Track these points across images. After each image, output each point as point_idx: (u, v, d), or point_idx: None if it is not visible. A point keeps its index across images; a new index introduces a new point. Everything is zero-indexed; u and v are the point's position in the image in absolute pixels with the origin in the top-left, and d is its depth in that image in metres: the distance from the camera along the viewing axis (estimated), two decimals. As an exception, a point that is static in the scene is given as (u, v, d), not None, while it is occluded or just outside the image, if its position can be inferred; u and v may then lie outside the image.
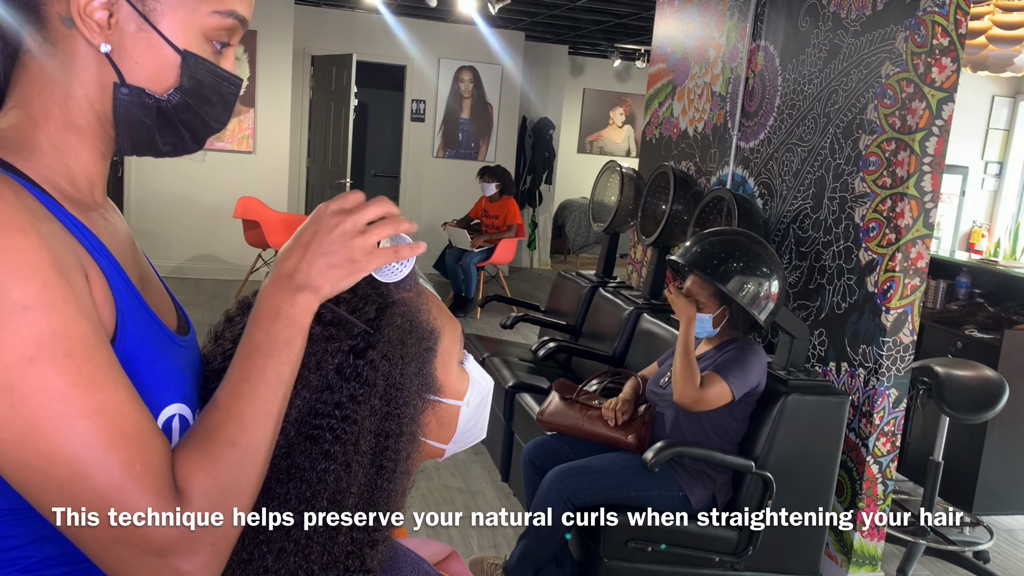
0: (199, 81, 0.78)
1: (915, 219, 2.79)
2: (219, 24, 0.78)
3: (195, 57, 0.77)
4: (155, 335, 0.77)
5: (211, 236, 7.23)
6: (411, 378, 0.80)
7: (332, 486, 0.75)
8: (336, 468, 0.75)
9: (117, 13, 0.74)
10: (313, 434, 0.75)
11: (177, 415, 0.77)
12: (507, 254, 6.76)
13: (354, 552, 0.76)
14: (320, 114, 7.82)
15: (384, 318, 0.79)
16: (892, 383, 2.86)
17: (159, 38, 0.75)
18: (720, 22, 3.97)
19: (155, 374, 0.75)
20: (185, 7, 0.76)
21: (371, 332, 0.78)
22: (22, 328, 0.64)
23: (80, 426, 0.65)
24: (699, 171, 4.08)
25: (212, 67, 0.79)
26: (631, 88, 10.07)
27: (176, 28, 0.76)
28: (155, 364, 0.76)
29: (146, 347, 0.75)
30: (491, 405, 0.96)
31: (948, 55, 2.73)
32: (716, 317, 2.60)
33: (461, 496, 3.48)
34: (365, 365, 0.77)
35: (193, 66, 0.77)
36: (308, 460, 0.75)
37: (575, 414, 2.76)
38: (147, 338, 0.75)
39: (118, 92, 0.76)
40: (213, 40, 0.79)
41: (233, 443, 0.71)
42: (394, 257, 0.79)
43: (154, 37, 0.75)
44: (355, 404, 0.76)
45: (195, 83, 0.78)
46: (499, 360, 3.89)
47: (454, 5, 6.58)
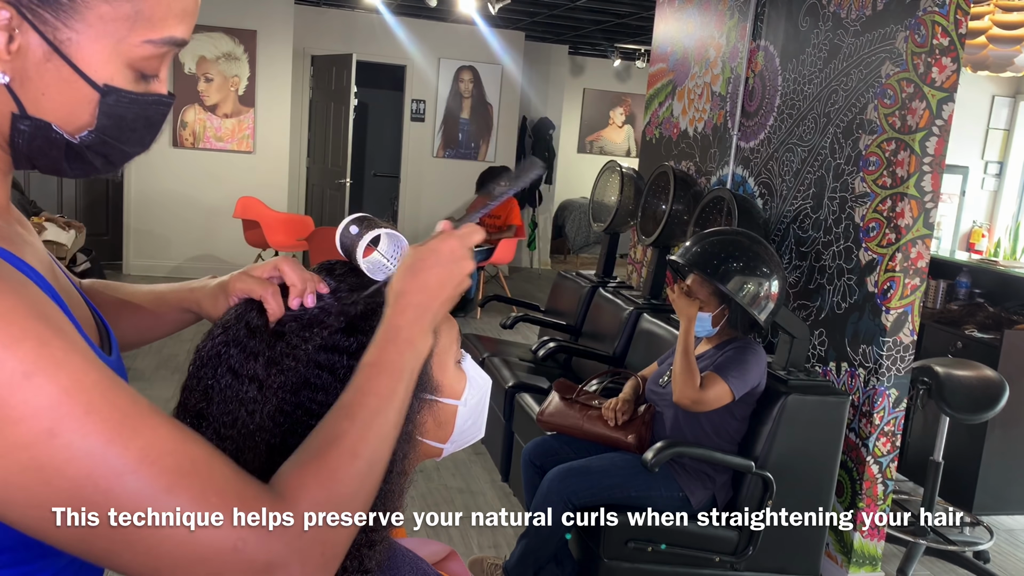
0: (120, 116, 0.68)
1: (915, 219, 2.79)
2: (151, 54, 0.68)
3: (117, 93, 0.67)
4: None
5: (211, 236, 7.23)
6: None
7: None
8: None
9: (20, 38, 0.63)
10: (308, 434, 0.75)
11: None
12: (507, 254, 6.76)
13: (352, 552, 0.76)
14: (320, 114, 7.82)
15: (376, 317, 0.79)
16: (892, 383, 2.85)
17: (72, 71, 0.65)
18: (720, 22, 3.97)
19: None
20: (109, 36, 0.65)
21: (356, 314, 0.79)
22: (30, 399, 0.56)
23: (132, 483, 0.58)
24: (699, 171, 4.08)
25: (137, 97, 0.69)
26: (631, 88, 10.07)
27: (96, 61, 0.65)
28: None
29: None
30: (491, 405, 0.96)
31: (948, 55, 2.73)
32: (715, 316, 2.60)
33: (461, 496, 3.48)
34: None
35: (114, 103, 0.67)
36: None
37: (575, 414, 2.76)
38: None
39: (17, 123, 0.66)
40: (142, 70, 0.69)
41: (355, 455, 0.69)
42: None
43: (67, 70, 0.64)
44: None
45: (115, 119, 0.68)
46: (499, 360, 3.89)
47: (454, 5, 6.58)
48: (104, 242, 7.00)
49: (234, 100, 7.10)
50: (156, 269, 7.18)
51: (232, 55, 7.04)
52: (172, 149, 7.04)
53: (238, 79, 7.08)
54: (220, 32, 6.98)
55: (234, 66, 7.06)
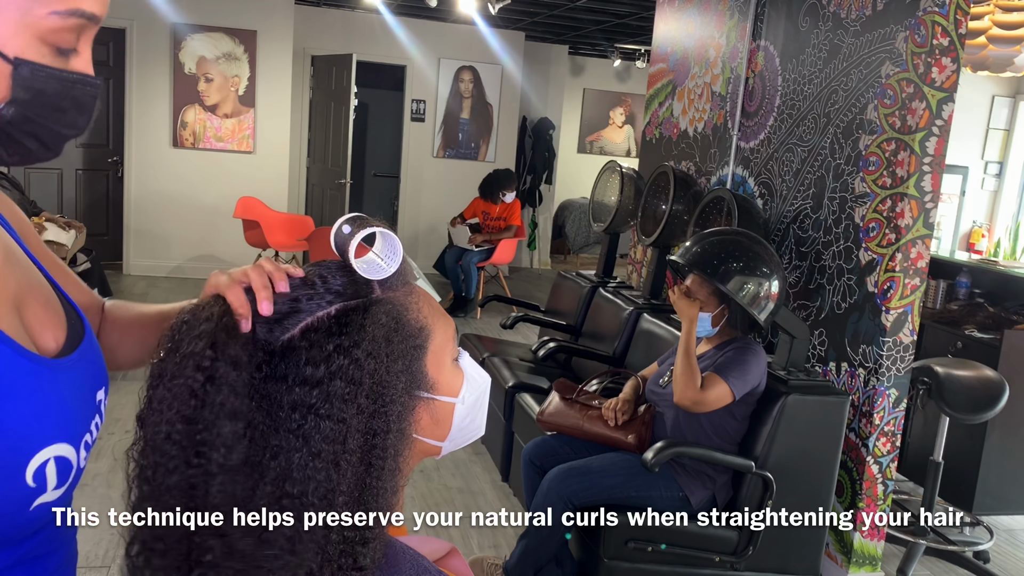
0: (39, 90, 0.68)
1: (915, 219, 2.79)
2: (60, 25, 0.68)
3: (31, 65, 0.67)
4: (19, 373, 0.70)
5: (211, 236, 7.23)
6: (398, 375, 0.80)
7: (323, 484, 0.75)
8: (325, 466, 0.75)
9: None
10: (301, 433, 0.75)
11: (52, 459, 0.70)
12: (507, 254, 6.76)
13: (346, 550, 0.76)
14: (320, 114, 7.83)
15: (368, 316, 0.79)
16: (892, 383, 2.85)
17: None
18: (720, 22, 3.97)
19: (21, 418, 0.68)
20: (13, 8, 0.66)
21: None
22: None
23: None
24: (699, 171, 4.08)
25: (56, 72, 0.69)
26: (631, 88, 10.07)
27: (4, 33, 0.66)
28: (19, 406, 0.69)
29: (6, 391, 0.68)
30: (491, 405, 0.96)
31: (948, 55, 2.73)
32: (715, 316, 2.60)
33: (461, 496, 3.48)
34: (351, 363, 0.77)
35: (28, 75, 0.67)
36: (297, 458, 0.75)
37: (575, 414, 2.76)
38: (8, 379, 0.68)
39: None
40: (56, 44, 0.68)
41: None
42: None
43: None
44: (342, 402, 0.76)
45: (34, 93, 0.68)
46: (499, 360, 3.89)
47: (454, 5, 6.58)
48: (104, 242, 7.00)
49: (234, 100, 7.10)
50: (156, 269, 7.19)
51: (232, 55, 7.04)
52: (172, 149, 7.04)
53: (238, 79, 7.08)
54: (220, 32, 6.98)
55: (234, 66, 7.06)
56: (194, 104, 7.01)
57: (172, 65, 6.93)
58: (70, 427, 0.74)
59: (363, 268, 0.81)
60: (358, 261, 0.81)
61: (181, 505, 0.73)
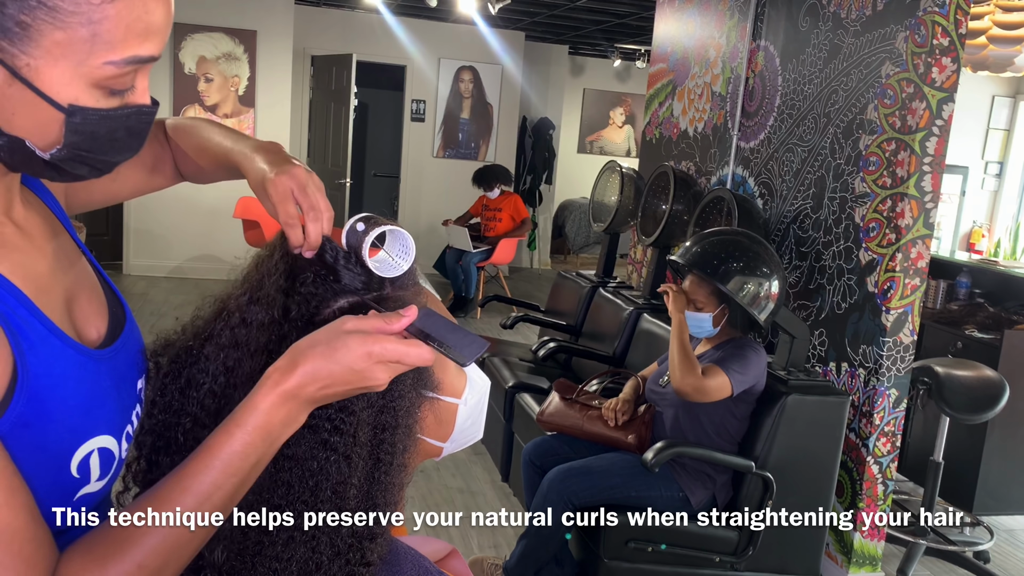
0: (91, 132, 0.69)
1: (915, 219, 2.79)
2: (116, 73, 0.68)
3: (84, 112, 0.68)
4: (67, 365, 0.72)
5: (211, 236, 7.23)
6: (407, 372, 0.81)
7: (334, 476, 0.76)
8: (337, 459, 0.75)
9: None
10: (312, 423, 0.75)
11: (96, 450, 0.72)
12: (507, 254, 6.76)
13: (355, 545, 0.77)
14: (320, 114, 7.82)
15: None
16: (892, 383, 2.85)
17: (35, 94, 0.67)
18: (720, 22, 3.97)
19: (68, 410, 0.70)
20: (68, 59, 0.66)
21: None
22: None
23: None
24: (699, 171, 4.08)
25: (108, 113, 0.70)
26: (631, 88, 10.07)
27: (58, 83, 0.67)
28: (67, 400, 0.70)
29: (56, 384, 0.70)
30: (491, 405, 0.96)
31: (948, 55, 2.73)
32: (716, 316, 2.60)
33: (461, 496, 3.48)
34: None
35: (81, 122, 0.68)
36: (308, 450, 0.76)
37: (575, 414, 2.76)
38: (59, 369, 0.71)
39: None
40: (111, 87, 0.69)
41: (141, 566, 0.67)
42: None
43: (29, 94, 0.66)
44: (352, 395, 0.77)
45: (86, 135, 0.69)
46: (499, 360, 3.89)
47: (454, 5, 6.58)
48: (104, 242, 7.01)
49: (234, 100, 7.11)
50: (156, 269, 7.19)
51: (232, 55, 7.04)
52: (172, 149, 7.04)
53: (238, 79, 7.08)
54: (220, 32, 6.98)
55: (234, 66, 7.06)
56: (194, 104, 7.01)
57: (172, 65, 6.93)
58: (113, 418, 0.75)
59: (377, 267, 0.81)
60: (372, 260, 0.81)
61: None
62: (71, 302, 0.77)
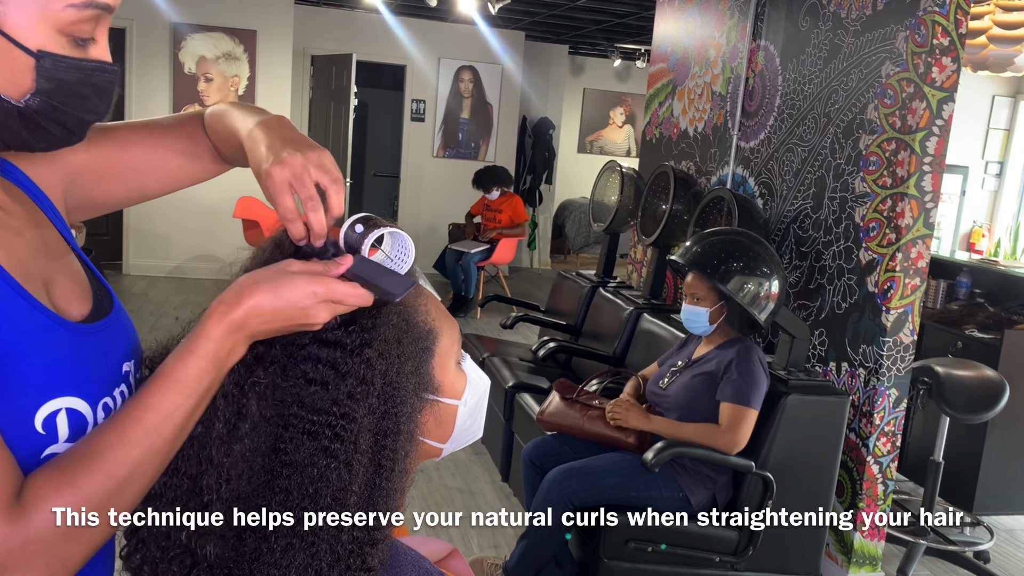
0: (61, 80, 0.73)
1: (915, 219, 2.79)
2: (77, 17, 0.72)
3: (52, 57, 0.72)
4: (34, 327, 0.74)
5: (211, 236, 7.23)
6: (408, 377, 0.81)
7: (335, 483, 0.75)
8: (337, 466, 0.75)
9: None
10: (312, 430, 0.75)
11: (64, 409, 0.74)
12: (507, 254, 6.76)
13: (355, 551, 0.76)
14: (320, 114, 7.82)
15: (380, 317, 0.79)
16: (892, 383, 2.85)
17: (5, 40, 0.70)
18: (720, 22, 3.97)
19: (33, 368, 0.72)
20: (32, 3, 0.70)
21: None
22: None
23: None
24: (699, 171, 4.08)
25: (75, 62, 0.73)
26: (631, 88, 10.07)
27: (25, 28, 0.70)
28: (32, 357, 0.73)
29: (20, 341, 0.72)
30: (491, 405, 0.96)
31: (948, 55, 2.72)
32: (713, 313, 2.60)
33: (461, 496, 3.48)
34: (362, 363, 0.77)
35: (50, 67, 0.72)
36: (308, 457, 0.75)
37: (575, 414, 2.76)
38: (23, 332, 0.73)
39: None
40: (74, 34, 0.73)
41: (109, 475, 0.70)
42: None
43: (0, 40, 0.70)
44: (353, 402, 0.76)
45: (56, 83, 0.72)
46: (499, 360, 3.89)
47: (454, 5, 6.58)
48: (104, 242, 7.00)
49: (234, 100, 7.10)
50: (156, 269, 7.18)
51: (232, 55, 7.04)
52: (172, 149, 7.04)
53: (238, 79, 7.08)
54: (220, 32, 6.98)
55: (234, 66, 7.06)
56: (194, 104, 7.01)
57: (172, 65, 6.92)
58: (85, 385, 0.77)
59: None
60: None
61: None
62: (50, 284, 0.79)
